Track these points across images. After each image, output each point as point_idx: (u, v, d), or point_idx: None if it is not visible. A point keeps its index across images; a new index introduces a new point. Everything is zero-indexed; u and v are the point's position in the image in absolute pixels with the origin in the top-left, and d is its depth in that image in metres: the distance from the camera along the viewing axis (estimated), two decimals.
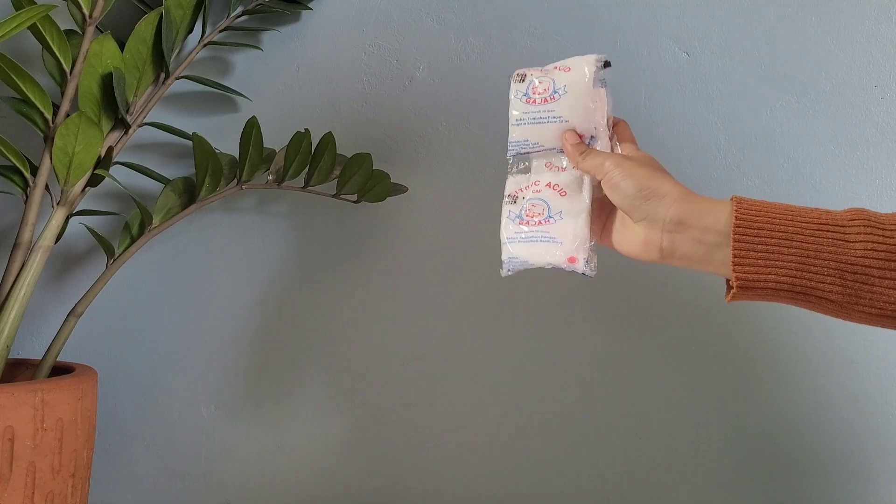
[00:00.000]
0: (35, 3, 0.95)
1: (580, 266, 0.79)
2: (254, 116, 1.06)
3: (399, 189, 1.12)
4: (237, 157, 1.08)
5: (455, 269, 1.15)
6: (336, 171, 1.09)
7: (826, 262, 0.68)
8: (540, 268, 0.81)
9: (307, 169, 1.08)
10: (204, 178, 1.06)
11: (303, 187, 1.10)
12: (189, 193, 1.09)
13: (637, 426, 1.15)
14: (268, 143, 1.10)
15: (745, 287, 0.69)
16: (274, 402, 1.17)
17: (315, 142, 1.07)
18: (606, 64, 0.81)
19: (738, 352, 1.13)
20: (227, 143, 1.10)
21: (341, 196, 1.10)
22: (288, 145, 1.07)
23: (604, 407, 1.14)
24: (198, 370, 1.17)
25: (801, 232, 0.69)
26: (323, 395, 1.16)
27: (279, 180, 1.09)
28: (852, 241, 0.67)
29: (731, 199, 0.72)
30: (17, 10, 0.95)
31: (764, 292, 0.70)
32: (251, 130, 1.05)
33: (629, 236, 0.77)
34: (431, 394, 1.16)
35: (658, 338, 1.14)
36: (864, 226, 0.68)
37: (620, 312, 1.14)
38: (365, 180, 1.08)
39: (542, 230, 0.81)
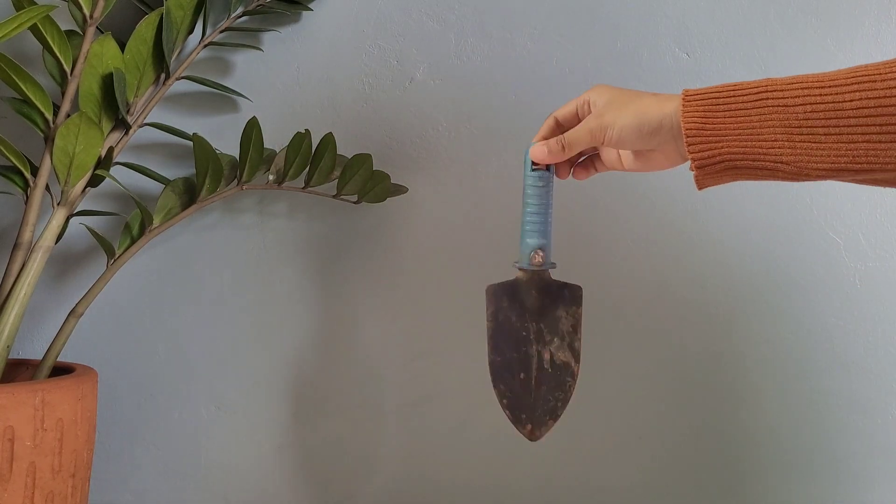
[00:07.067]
0: (36, 4, 0.95)
1: None
2: (254, 117, 1.06)
3: (399, 190, 1.12)
4: (237, 157, 1.08)
5: (455, 270, 1.15)
6: (336, 171, 1.09)
7: (772, 128, 0.71)
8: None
9: (307, 169, 1.08)
10: (204, 178, 1.06)
11: (303, 188, 1.10)
12: (189, 194, 1.09)
13: (637, 426, 1.15)
14: (268, 143, 1.10)
15: (702, 166, 0.73)
16: (273, 403, 1.17)
17: (315, 142, 1.07)
18: None
19: (738, 352, 1.13)
20: (227, 143, 1.10)
21: (341, 197, 1.10)
22: (288, 146, 1.07)
23: (604, 407, 1.14)
24: (198, 371, 1.17)
25: (743, 106, 0.72)
26: (322, 395, 1.16)
27: (279, 181, 1.09)
28: (792, 106, 0.71)
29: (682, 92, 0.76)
30: (17, 11, 0.95)
31: (721, 167, 0.73)
32: (251, 131, 1.06)
33: (652, 162, 0.81)
34: (432, 394, 1.16)
35: (658, 337, 1.14)
36: (802, 87, 0.71)
37: (620, 312, 1.14)
38: (365, 181, 1.09)
39: None
